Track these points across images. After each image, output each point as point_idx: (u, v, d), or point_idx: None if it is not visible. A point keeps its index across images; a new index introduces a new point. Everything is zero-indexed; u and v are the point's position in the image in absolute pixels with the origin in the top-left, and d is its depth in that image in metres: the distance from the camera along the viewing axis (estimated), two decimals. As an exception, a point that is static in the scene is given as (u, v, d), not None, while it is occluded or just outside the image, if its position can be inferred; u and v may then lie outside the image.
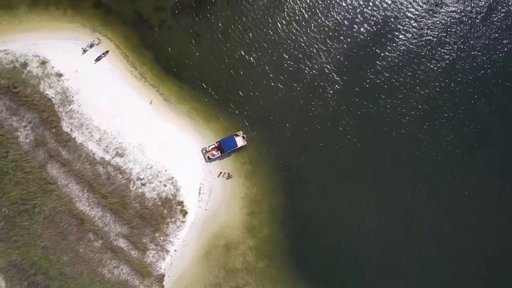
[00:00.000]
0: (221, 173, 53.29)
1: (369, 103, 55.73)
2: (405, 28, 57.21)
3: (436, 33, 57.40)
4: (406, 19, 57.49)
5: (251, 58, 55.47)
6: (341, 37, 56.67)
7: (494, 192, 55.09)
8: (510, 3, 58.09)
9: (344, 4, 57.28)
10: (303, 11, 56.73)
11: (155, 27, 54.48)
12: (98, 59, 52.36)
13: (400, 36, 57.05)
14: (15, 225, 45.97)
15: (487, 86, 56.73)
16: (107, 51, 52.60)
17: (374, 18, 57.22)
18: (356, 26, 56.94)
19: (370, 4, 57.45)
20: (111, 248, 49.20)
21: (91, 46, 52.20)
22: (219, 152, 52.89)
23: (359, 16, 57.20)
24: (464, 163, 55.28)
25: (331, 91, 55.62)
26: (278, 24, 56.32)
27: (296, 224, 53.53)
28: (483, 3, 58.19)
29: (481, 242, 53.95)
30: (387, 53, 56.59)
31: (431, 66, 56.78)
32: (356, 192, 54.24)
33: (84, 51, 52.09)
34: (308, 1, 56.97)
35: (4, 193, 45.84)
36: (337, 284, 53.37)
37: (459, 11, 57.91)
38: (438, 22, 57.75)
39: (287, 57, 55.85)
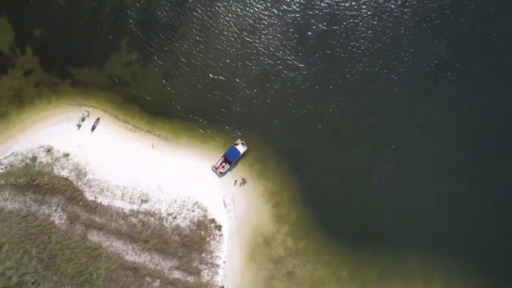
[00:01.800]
0: (236, 181, 58.59)
1: (337, 75, 61.89)
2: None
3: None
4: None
5: (220, 77, 61.10)
6: (291, 29, 62.75)
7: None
8: None
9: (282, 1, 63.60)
10: (249, 20, 62.64)
11: (130, 82, 59.82)
12: (93, 128, 57.59)
13: (342, 7, 63.55)
14: (82, 296, 50.59)
15: (431, 19, 63.84)
16: (98, 119, 57.82)
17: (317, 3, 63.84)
18: (300, 14, 63.17)
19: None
20: (169, 282, 53.91)
21: (83, 119, 57.43)
22: (227, 164, 58.05)
23: (301, 6, 63.46)
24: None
25: (300, 78, 61.65)
26: (232, 39, 62.06)
27: (315, 198, 58.83)
28: None
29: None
30: (334, 27, 63.02)
31: (375, 22, 63.49)
32: (355, 152, 60.36)
33: (79, 126, 57.33)
34: (251, 11, 62.88)
35: (62, 273, 50.41)
36: (368, 236, 58.80)
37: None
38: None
39: (251, 64, 61.68)
